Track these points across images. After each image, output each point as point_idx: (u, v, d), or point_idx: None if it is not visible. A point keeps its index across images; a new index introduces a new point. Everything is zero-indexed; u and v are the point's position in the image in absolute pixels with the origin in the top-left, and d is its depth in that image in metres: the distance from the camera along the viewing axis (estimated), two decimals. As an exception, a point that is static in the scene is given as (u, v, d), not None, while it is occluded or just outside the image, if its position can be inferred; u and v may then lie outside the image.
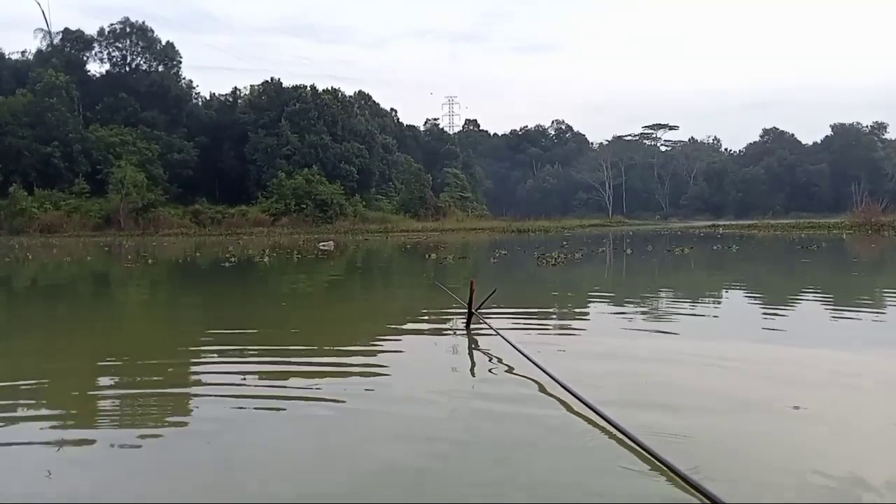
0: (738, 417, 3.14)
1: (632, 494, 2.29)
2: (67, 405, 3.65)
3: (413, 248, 25.41)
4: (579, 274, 12.62)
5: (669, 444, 2.63)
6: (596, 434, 2.86)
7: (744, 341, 5.13)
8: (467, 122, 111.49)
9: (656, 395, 3.50)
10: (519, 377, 3.94)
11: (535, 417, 3.14)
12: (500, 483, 2.39)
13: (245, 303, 8.92)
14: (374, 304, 8.66)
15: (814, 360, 4.46)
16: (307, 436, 2.99)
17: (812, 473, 2.41)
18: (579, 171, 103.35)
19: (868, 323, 6.02)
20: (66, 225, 49.82)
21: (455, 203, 70.46)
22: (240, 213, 56.22)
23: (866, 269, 13.51)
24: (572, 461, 2.60)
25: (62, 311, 8.61)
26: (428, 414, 3.27)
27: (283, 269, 15.48)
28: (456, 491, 2.33)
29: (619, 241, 28.55)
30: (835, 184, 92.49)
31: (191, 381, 4.25)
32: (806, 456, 2.63)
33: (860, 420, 3.11)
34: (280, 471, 2.55)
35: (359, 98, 74.36)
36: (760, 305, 7.76)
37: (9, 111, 54.69)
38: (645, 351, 4.72)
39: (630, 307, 7.42)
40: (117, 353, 5.19)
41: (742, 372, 4.07)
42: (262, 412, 3.37)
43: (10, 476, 2.58)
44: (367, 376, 4.15)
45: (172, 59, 66.76)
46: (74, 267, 17.69)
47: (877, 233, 29.14)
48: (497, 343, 4.77)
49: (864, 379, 3.90)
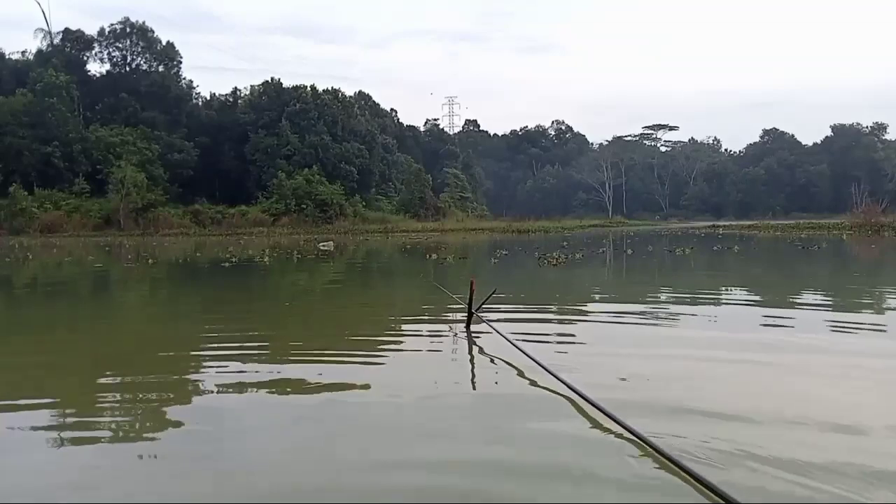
0: (744, 417, 3.13)
1: (637, 494, 2.28)
2: (67, 405, 3.64)
3: (413, 248, 25.40)
4: (581, 274, 12.61)
5: (675, 443, 2.62)
6: (597, 433, 2.85)
7: (747, 341, 5.12)
8: (467, 122, 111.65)
9: (657, 394, 3.49)
10: (519, 377, 3.93)
11: (535, 417, 3.13)
12: (501, 483, 2.38)
13: (245, 302, 8.91)
14: (374, 303, 8.65)
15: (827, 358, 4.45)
16: (307, 435, 2.98)
17: (829, 473, 2.40)
18: (579, 172, 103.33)
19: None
20: (66, 225, 49.83)
21: (455, 203, 70.46)
22: (240, 214, 56.24)
23: (880, 270, 13.51)
24: (573, 461, 2.59)
25: (63, 310, 8.60)
26: (428, 414, 3.26)
27: (283, 270, 15.47)
28: (457, 491, 2.32)
29: (620, 241, 28.54)
30: (835, 184, 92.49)
31: (191, 379, 4.24)
32: (822, 455, 2.62)
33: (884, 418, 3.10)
34: (280, 470, 2.54)
35: (359, 98, 74.40)
36: (761, 307, 7.75)
37: (9, 111, 54.71)
38: (645, 350, 4.71)
39: (631, 307, 7.41)
40: (117, 352, 5.19)
41: (752, 370, 4.06)
42: (262, 412, 3.36)
43: (11, 476, 2.57)
44: (367, 376, 4.14)
45: (172, 59, 66.80)
46: (75, 267, 17.68)
47: (877, 233, 29.13)
48: (497, 343, 4.76)
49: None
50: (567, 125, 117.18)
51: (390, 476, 2.47)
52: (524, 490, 2.31)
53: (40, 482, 2.49)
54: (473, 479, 2.42)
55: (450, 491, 2.32)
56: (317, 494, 2.34)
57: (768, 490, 2.28)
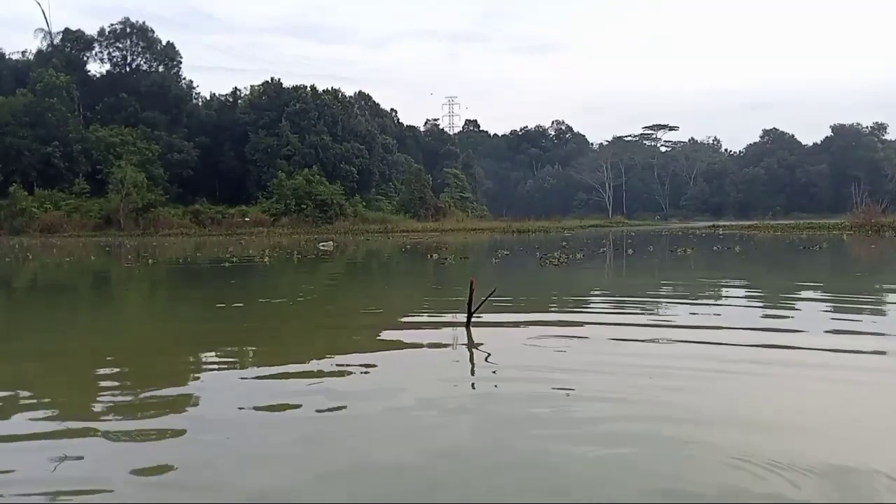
0: (749, 417, 3.12)
1: (637, 493, 2.27)
2: (67, 404, 3.63)
3: (413, 248, 25.39)
4: (582, 274, 12.60)
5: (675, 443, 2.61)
6: (598, 432, 2.85)
7: (751, 341, 5.11)
8: (467, 122, 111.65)
9: (658, 394, 3.49)
10: (519, 376, 3.92)
11: (536, 417, 3.12)
12: (502, 483, 2.37)
13: (245, 303, 8.90)
14: (374, 303, 8.63)
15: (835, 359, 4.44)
16: (307, 435, 2.97)
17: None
18: (579, 172, 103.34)
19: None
20: (66, 225, 49.80)
21: (455, 203, 70.47)
22: (240, 214, 56.22)
23: (881, 270, 13.49)
24: (574, 460, 2.58)
25: (64, 310, 8.59)
26: (428, 414, 3.25)
27: (283, 270, 15.47)
28: (457, 490, 2.31)
29: (620, 241, 28.53)
30: (835, 184, 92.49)
31: (190, 380, 4.23)
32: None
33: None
34: (280, 471, 2.53)
35: (359, 98, 74.38)
36: (762, 306, 7.74)
37: (9, 111, 54.67)
38: (645, 349, 4.70)
39: (631, 307, 7.41)
40: (118, 352, 5.18)
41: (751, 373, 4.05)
42: (261, 413, 3.35)
43: (11, 476, 2.56)
44: (367, 376, 4.14)
45: (173, 59, 66.75)
46: (76, 267, 17.67)
47: (877, 233, 29.11)
48: (497, 342, 4.75)
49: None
50: (567, 125, 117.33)
51: (390, 476, 2.46)
52: (524, 490, 2.31)
53: (40, 483, 2.48)
54: (473, 478, 2.41)
55: (450, 491, 2.32)
56: (316, 494, 2.33)
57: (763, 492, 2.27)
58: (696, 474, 2.42)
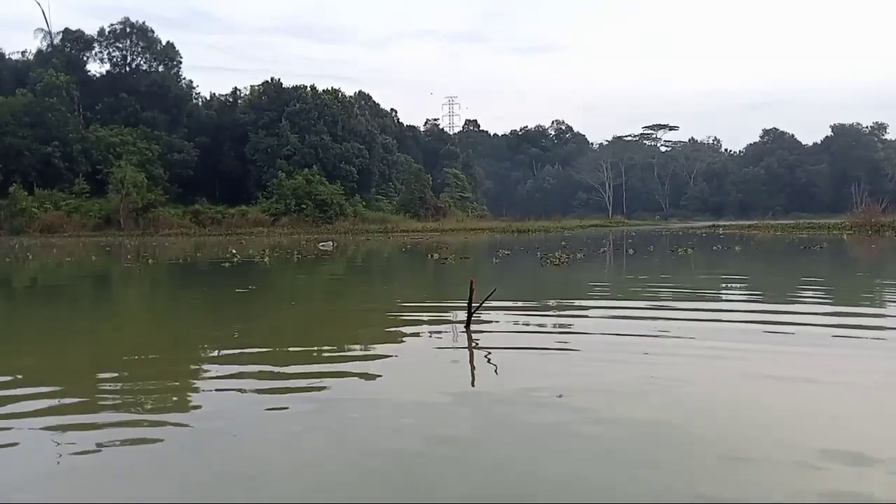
0: (749, 417, 3.12)
1: (637, 493, 2.27)
2: (68, 404, 3.63)
3: (413, 248, 25.39)
4: (582, 274, 12.60)
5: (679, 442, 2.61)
6: (599, 431, 2.85)
7: (752, 341, 5.11)
8: (467, 122, 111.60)
9: (657, 394, 3.49)
10: (519, 377, 3.92)
11: (537, 417, 3.12)
12: (502, 482, 2.37)
13: (245, 302, 8.90)
14: (374, 303, 8.63)
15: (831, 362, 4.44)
16: (308, 435, 2.97)
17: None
18: (579, 172, 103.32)
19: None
20: (66, 225, 49.79)
21: (455, 203, 70.46)
22: (240, 214, 56.19)
23: (882, 269, 13.49)
24: (574, 460, 2.58)
25: (64, 310, 8.59)
26: (428, 413, 3.25)
27: (283, 270, 15.46)
28: (457, 490, 2.31)
29: (620, 241, 28.53)
30: (835, 184, 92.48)
31: (191, 379, 4.23)
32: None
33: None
34: (280, 470, 2.53)
35: (359, 98, 74.36)
36: (762, 306, 7.74)
37: (9, 111, 54.65)
38: (645, 349, 4.70)
39: (632, 307, 7.40)
40: (118, 352, 5.18)
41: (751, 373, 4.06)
42: (261, 413, 3.35)
43: (11, 476, 2.56)
44: (368, 375, 4.14)
45: (172, 59, 66.70)
46: (76, 267, 17.67)
47: (877, 233, 29.11)
48: (497, 342, 4.75)
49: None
50: (567, 125, 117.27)
51: (390, 476, 2.46)
52: (524, 489, 2.31)
53: (40, 483, 2.48)
54: (473, 478, 2.41)
55: (449, 491, 2.32)
56: (316, 494, 2.33)
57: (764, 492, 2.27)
58: (696, 474, 2.42)
